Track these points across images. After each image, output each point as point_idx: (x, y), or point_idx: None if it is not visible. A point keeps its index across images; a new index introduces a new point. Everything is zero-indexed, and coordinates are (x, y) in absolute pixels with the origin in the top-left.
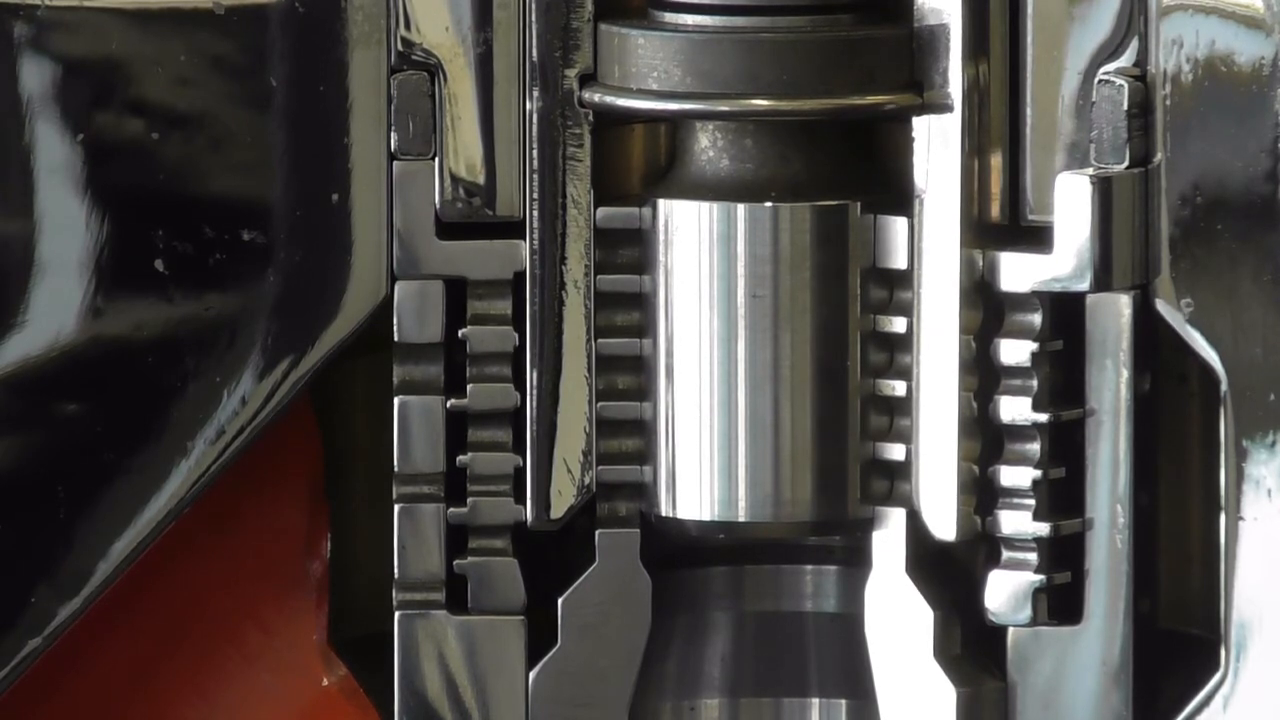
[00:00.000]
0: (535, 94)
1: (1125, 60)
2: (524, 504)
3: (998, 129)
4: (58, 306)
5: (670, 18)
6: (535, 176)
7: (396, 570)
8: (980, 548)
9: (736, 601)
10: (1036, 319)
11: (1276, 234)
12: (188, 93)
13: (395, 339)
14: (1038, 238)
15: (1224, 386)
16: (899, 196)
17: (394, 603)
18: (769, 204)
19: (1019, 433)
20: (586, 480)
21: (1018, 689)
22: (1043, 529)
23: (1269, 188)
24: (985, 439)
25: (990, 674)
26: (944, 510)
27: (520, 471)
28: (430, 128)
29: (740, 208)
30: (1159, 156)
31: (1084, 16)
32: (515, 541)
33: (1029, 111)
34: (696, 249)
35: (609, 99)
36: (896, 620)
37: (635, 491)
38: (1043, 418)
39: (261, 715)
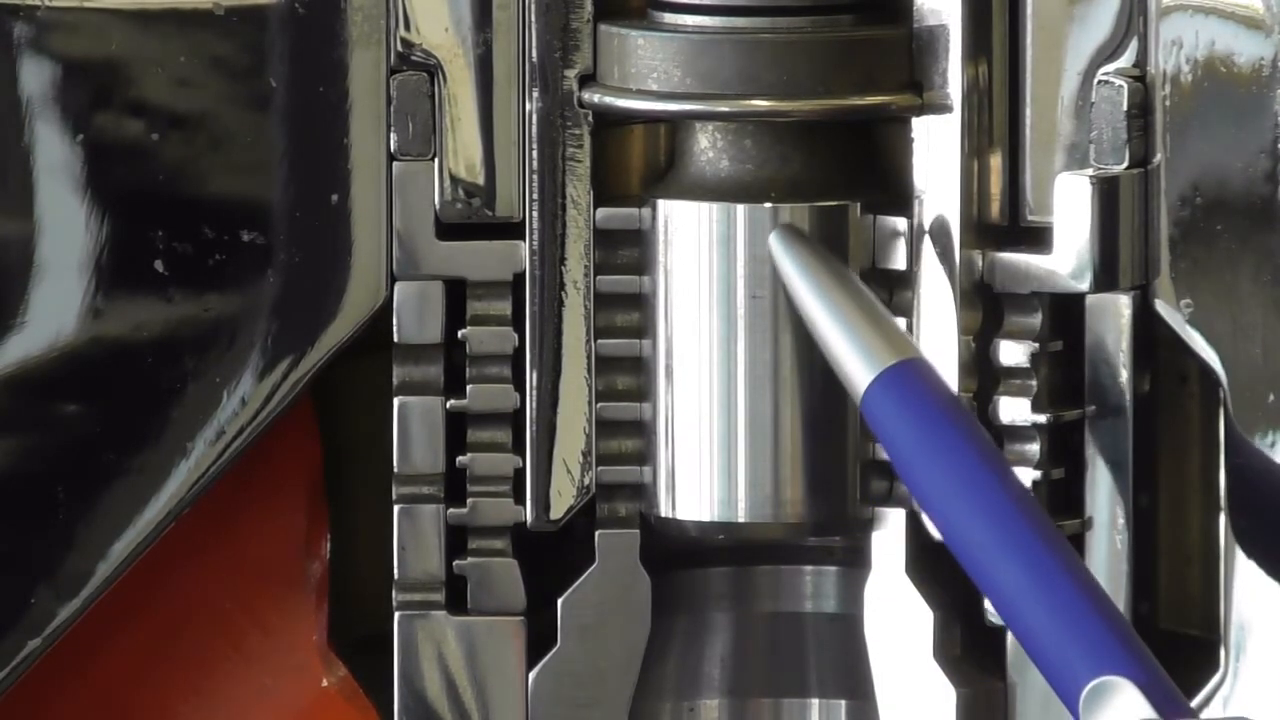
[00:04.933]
0: (535, 94)
1: (1125, 61)
2: (524, 505)
3: (998, 129)
4: (58, 306)
5: (670, 18)
6: (535, 177)
7: (396, 571)
8: None
9: (736, 602)
10: (1036, 319)
11: (1276, 234)
12: (188, 93)
13: (395, 339)
14: (1037, 238)
15: (1224, 387)
16: (899, 197)
17: (394, 603)
18: (769, 205)
19: (1018, 433)
20: (586, 481)
21: (1018, 689)
22: None
23: (1269, 188)
24: None
25: (990, 674)
26: None
27: (520, 472)
28: (430, 128)
29: (740, 208)
30: (1159, 157)
31: (1084, 17)
32: (515, 542)
33: (1029, 112)
34: (696, 250)
35: (609, 99)
36: (896, 620)
37: (635, 492)
38: (1042, 418)
39: (261, 716)
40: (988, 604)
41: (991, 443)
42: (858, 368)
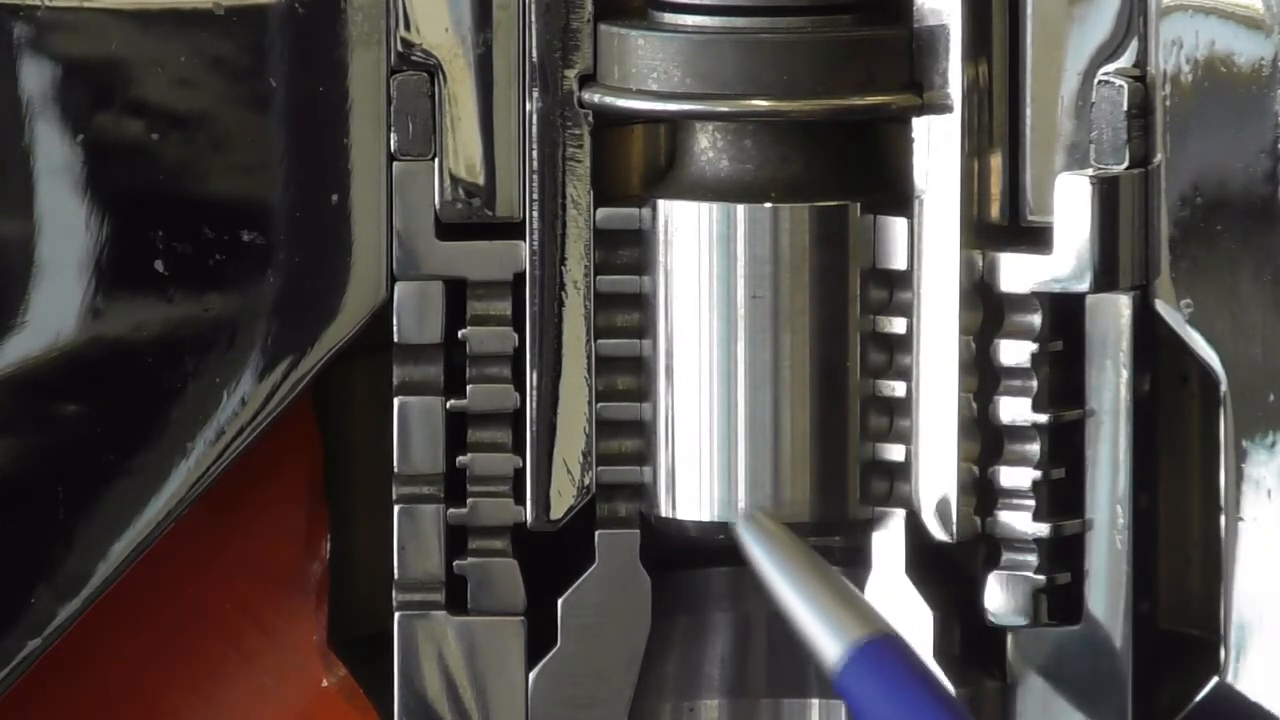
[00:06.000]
0: (535, 94)
1: (1125, 61)
2: (524, 505)
3: (998, 129)
4: (58, 306)
5: (670, 18)
6: (535, 177)
7: (396, 571)
8: (980, 548)
9: (736, 602)
10: (1036, 319)
11: (1276, 234)
12: (187, 93)
13: (395, 339)
14: (1037, 238)
15: (1224, 387)
16: (899, 197)
17: (394, 603)
18: (769, 204)
19: (1019, 433)
20: (586, 481)
21: (1018, 689)
22: (1042, 530)
23: (1269, 188)
24: (985, 440)
25: (990, 674)
26: (944, 511)
27: (520, 472)
28: (430, 128)
29: (740, 208)
30: (1159, 157)
31: (1084, 17)
32: (515, 542)
33: (1029, 112)
34: (696, 250)
35: (609, 99)
36: (896, 620)
37: (635, 492)
38: (1042, 418)
39: (261, 716)
40: (987, 604)
41: (966, 711)
42: (830, 644)
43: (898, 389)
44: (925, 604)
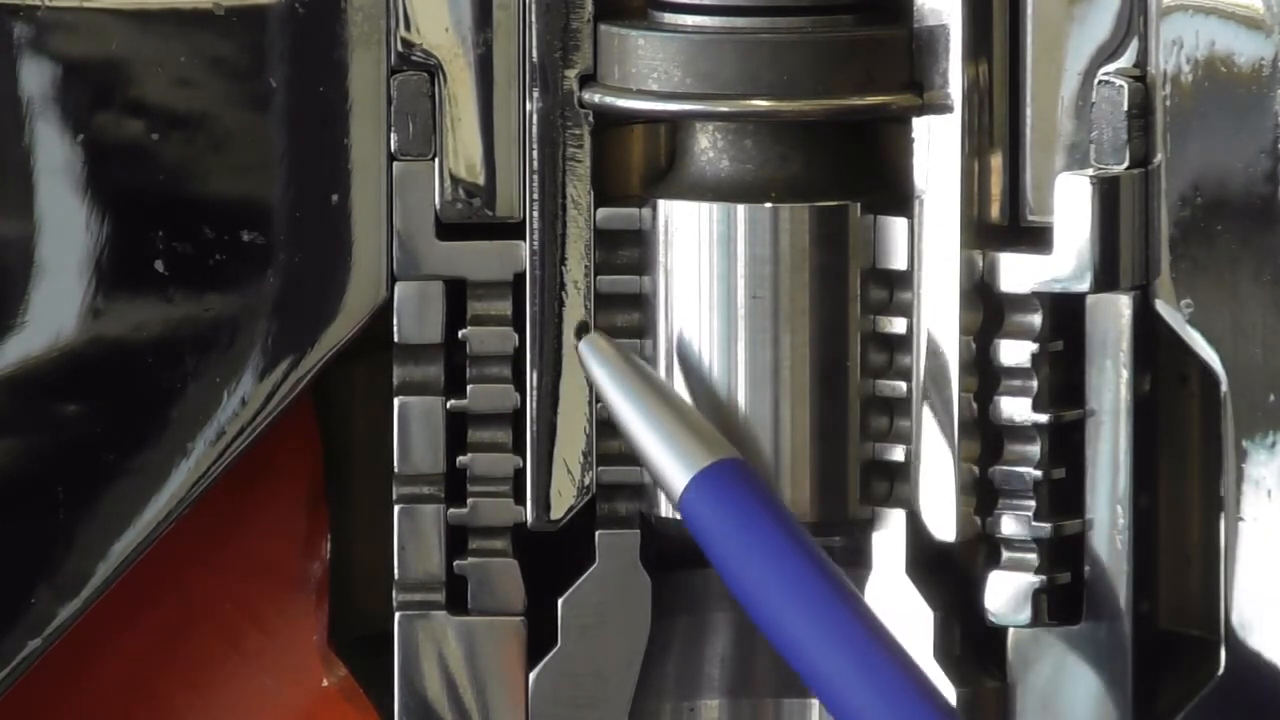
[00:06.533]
0: (535, 94)
1: (1125, 61)
2: (524, 505)
3: (998, 129)
4: (58, 306)
5: (670, 18)
6: (535, 177)
7: (396, 571)
8: (980, 548)
9: (736, 602)
10: (1036, 320)
11: (1276, 234)
12: (188, 93)
13: (395, 340)
14: (1038, 238)
15: (1224, 387)
16: (899, 197)
17: (394, 603)
18: (769, 205)
19: (1019, 433)
20: (586, 481)
21: (1018, 689)
22: (1043, 529)
23: (1269, 188)
24: (985, 440)
25: (990, 674)
26: (944, 511)
27: (520, 472)
28: (430, 128)
29: (740, 208)
30: (1159, 157)
31: (1084, 17)
32: (515, 542)
33: (1029, 112)
34: (696, 250)
35: (609, 99)
36: (896, 620)
37: (635, 492)
38: (1043, 418)
39: (261, 716)
40: (988, 604)
41: (809, 538)
42: (674, 470)
43: (898, 389)
44: (925, 604)
